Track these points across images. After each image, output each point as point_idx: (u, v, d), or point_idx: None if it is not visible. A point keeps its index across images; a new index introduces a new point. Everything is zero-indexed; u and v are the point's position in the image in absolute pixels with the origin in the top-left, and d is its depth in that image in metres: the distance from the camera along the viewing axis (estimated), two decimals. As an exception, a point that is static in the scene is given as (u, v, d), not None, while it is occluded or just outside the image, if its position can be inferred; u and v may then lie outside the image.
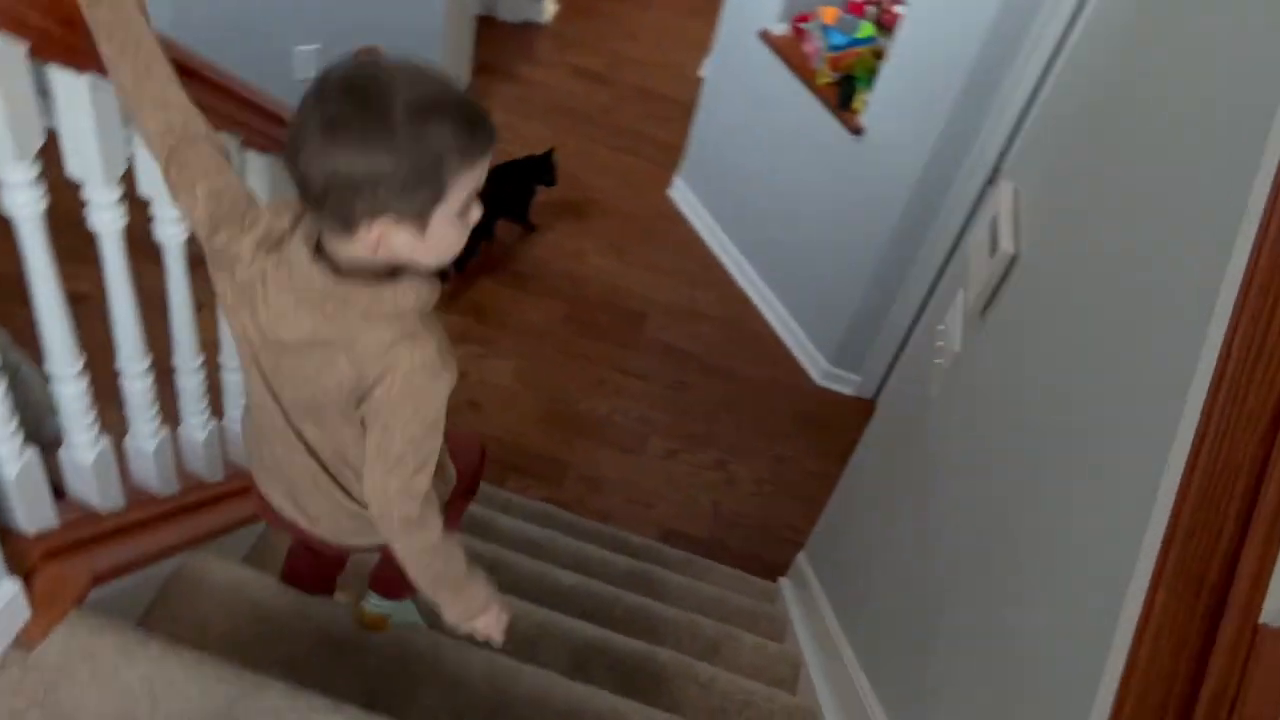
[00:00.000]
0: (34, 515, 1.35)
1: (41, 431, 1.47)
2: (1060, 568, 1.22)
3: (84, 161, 1.23)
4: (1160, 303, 1.14)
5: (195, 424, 1.69)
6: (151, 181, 1.34)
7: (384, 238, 0.97)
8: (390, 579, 1.59)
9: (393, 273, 1.02)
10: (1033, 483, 1.38)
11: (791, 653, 2.14)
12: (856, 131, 3.23)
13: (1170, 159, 1.22)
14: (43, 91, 1.15)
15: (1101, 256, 1.35)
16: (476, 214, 1.03)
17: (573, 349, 3.57)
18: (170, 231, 1.42)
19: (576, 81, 4.85)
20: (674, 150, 4.34)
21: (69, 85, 1.16)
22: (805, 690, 2.08)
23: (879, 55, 3.18)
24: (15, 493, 1.30)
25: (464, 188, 0.99)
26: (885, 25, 3.28)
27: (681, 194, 4.25)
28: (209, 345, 1.64)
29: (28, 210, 1.18)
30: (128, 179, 1.32)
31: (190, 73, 1.19)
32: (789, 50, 3.43)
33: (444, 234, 1.00)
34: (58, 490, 1.42)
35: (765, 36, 3.51)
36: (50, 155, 1.19)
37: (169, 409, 1.61)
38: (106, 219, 1.30)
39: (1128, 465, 1.10)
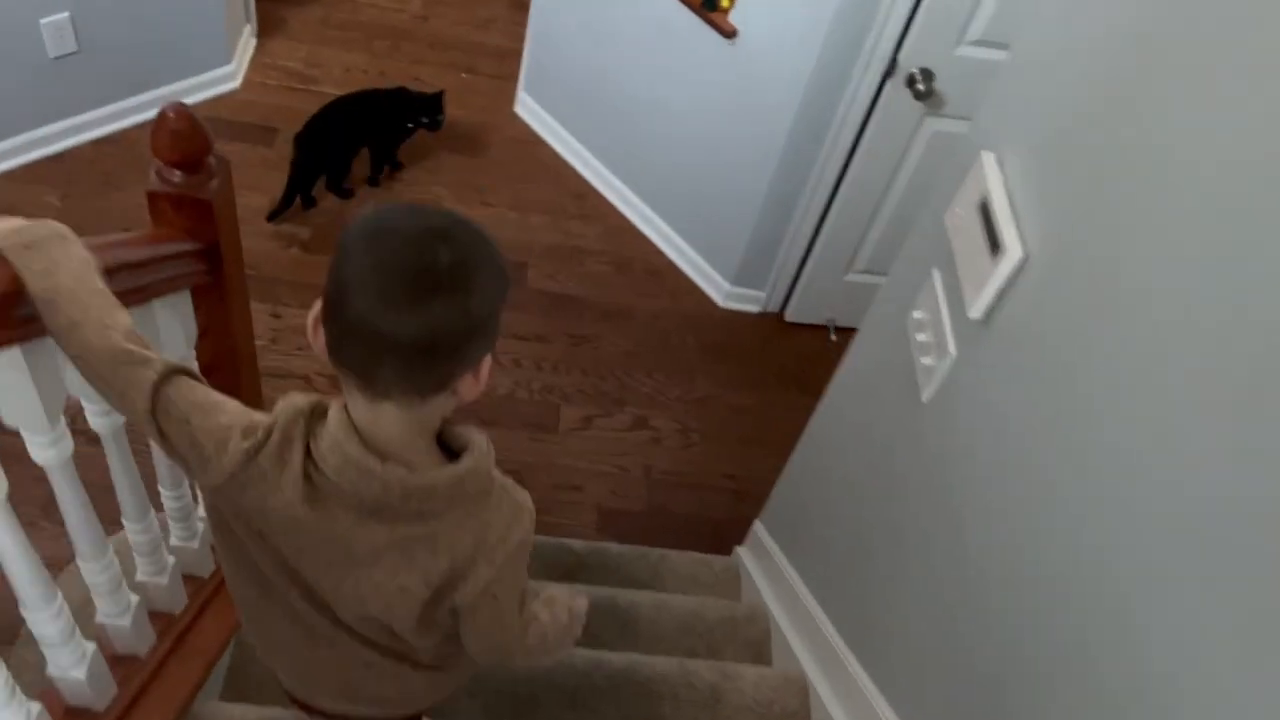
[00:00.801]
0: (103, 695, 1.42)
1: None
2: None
3: (22, 413, 1.16)
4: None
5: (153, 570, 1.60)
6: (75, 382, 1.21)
7: (460, 389, 0.95)
8: None
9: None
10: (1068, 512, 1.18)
11: (795, 676, 1.97)
12: (729, 34, 2.86)
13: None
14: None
15: (1166, 254, 1.10)
16: None
17: (453, 321, 3.18)
18: (101, 421, 1.33)
19: (381, -11, 4.23)
20: (512, 57, 3.85)
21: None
22: (818, 709, 1.93)
23: (743, -57, 2.79)
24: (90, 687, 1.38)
25: None
26: (742, -96, 2.87)
27: (531, 111, 3.80)
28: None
29: None
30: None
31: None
32: (636, -55, 2.99)
33: (488, 369, 0.98)
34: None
35: (605, -70, 3.05)
36: None
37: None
38: (52, 453, 1.21)
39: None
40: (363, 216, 0.90)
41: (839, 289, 3.29)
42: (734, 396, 3.21)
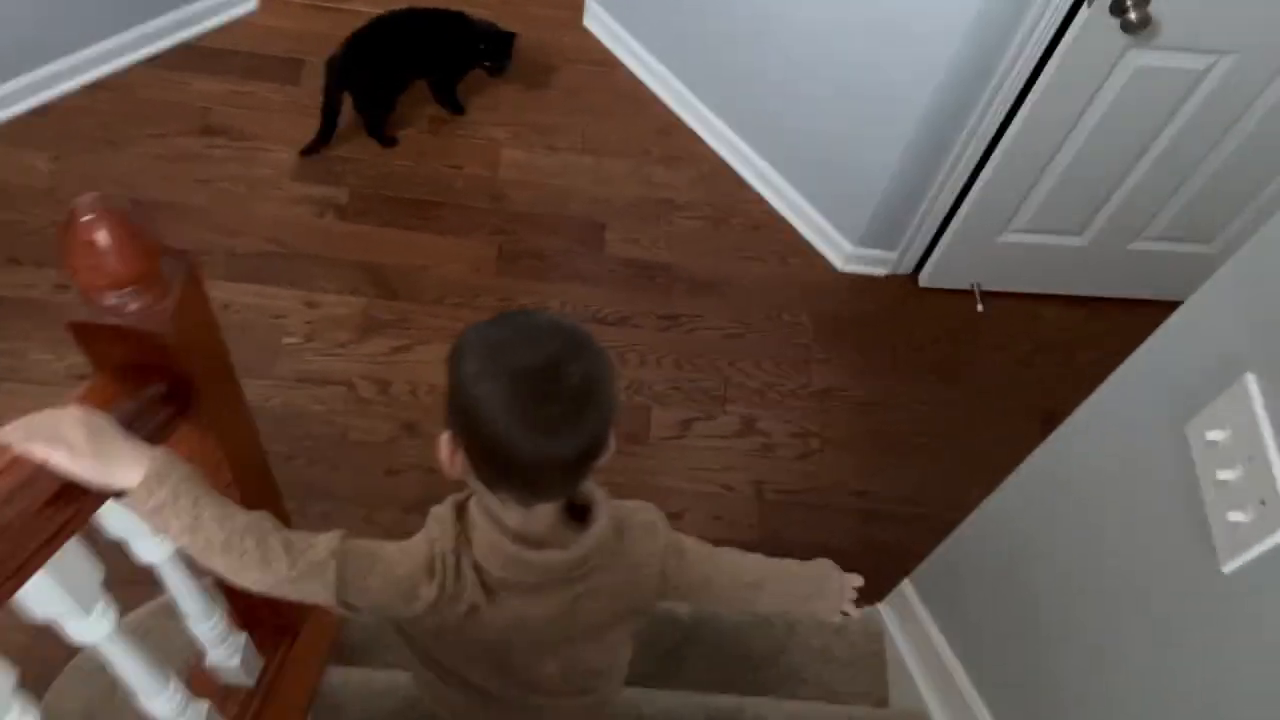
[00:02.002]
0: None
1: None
2: None
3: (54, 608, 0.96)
4: None
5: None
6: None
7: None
8: None
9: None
10: None
11: None
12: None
13: None
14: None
15: None
16: None
17: (518, 302, 2.65)
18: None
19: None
20: (577, -42, 3.18)
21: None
22: None
23: None
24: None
25: None
26: None
27: (603, 24, 3.14)
28: None
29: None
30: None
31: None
32: None
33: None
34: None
35: None
36: None
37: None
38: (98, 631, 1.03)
39: None
40: (469, 348, 0.90)
41: (990, 249, 2.66)
42: (860, 388, 2.64)
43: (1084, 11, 2.02)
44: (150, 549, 1.12)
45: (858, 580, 1.27)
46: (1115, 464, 1.37)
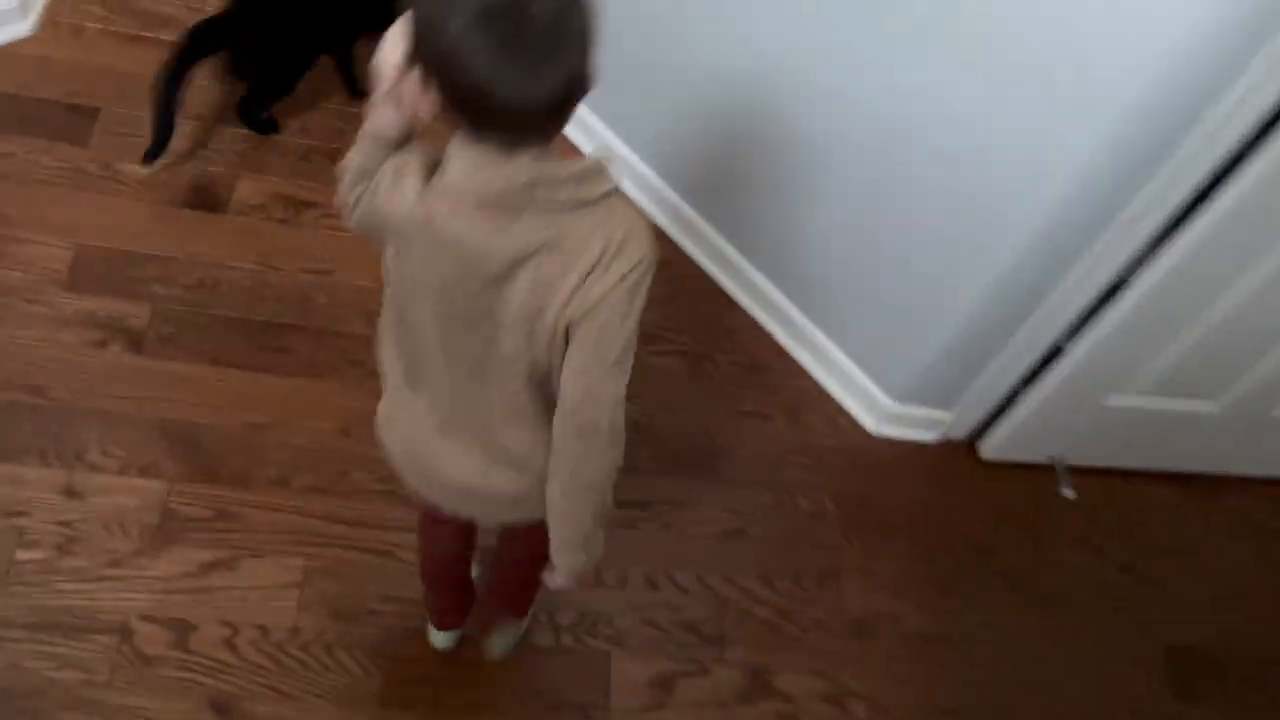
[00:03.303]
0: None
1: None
2: None
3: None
4: None
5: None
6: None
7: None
8: (523, 594, 1.57)
9: None
10: None
11: None
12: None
13: None
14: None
15: None
16: None
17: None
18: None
19: None
20: None
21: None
22: None
23: None
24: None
25: None
26: None
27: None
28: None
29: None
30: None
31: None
32: None
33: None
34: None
35: None
36: None
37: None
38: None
39: None
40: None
41: (1089, 414, 1.89)
42: (913, 612, 1.81)
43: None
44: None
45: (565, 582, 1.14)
46: None
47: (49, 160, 1.95)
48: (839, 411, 2.02)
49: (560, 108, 0.87)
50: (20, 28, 2.08)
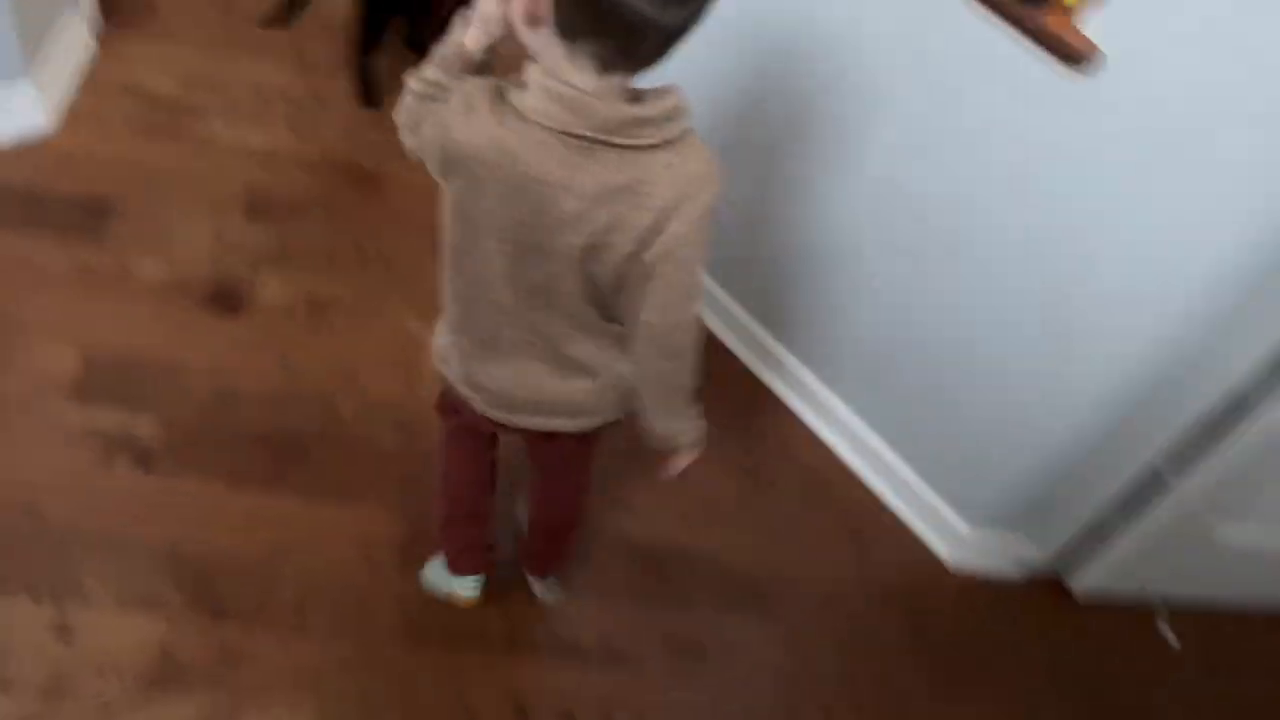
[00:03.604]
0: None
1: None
2: None
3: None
4: None
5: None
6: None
7: None
8: (560, 554, 1.56)
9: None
10: None
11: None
12: (1077, 59, 1.26)
13: None
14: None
15: None
16: None
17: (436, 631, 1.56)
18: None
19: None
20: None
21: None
22: None
23: None
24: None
25: None
26: None
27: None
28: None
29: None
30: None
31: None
32: None
33: None
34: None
35: None
36: None
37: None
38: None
39: None
40: None
41: (1199, 549, 1.69)
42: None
43: None
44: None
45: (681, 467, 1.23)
46: None
47: (62, 259, 1.83)
48: (912, 539, 1.83)
49: (674, 39, 0.88)
50: (36, 120, 1.98)
